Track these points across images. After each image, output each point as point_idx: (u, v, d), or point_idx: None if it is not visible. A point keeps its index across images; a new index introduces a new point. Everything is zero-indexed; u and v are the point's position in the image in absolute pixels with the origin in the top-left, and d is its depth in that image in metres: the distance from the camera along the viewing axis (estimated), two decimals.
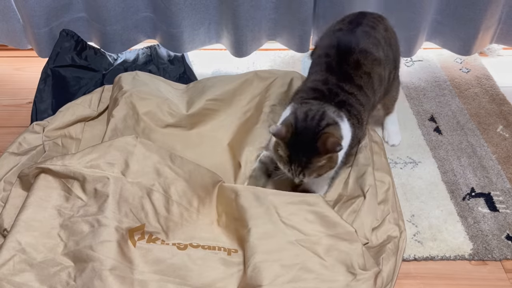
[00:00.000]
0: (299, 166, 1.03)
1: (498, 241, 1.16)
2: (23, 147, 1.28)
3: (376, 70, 1.15)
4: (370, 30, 1.18)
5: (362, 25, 1.19)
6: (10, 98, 1.65)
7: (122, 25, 1.62)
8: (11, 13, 1.61)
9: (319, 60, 1.18)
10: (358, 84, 1.11)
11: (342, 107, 1.08)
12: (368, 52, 1.14)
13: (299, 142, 1.02)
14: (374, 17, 1.25)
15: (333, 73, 1.12)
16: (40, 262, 0.96)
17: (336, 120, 1.04)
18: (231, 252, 1.04)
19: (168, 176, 1.12)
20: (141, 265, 0.97)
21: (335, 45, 1.16)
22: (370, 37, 1.17)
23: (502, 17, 1.65)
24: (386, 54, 1.19)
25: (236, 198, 1.06)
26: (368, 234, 1.07)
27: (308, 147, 1.01)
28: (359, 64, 1.12)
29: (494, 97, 1.63)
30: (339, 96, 1.09)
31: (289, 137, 1.01)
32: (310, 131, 1.02)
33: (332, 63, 1.13)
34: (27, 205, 1.02)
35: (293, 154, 1.02)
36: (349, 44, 1.14)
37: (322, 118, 1.03)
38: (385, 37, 1.21)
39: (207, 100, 1.41)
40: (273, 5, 1.62)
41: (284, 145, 1.03)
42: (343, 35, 1.18)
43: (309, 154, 1.01)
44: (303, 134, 1.02)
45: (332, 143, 0.99)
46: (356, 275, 0.95)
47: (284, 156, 1.04)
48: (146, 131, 1.34)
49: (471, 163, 1.37)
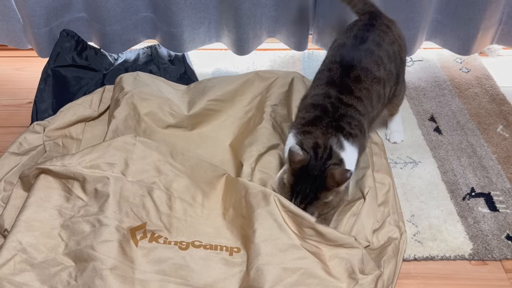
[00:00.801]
0: (302, 200, 1.01)
1: (498, 241, 1.16)
2: (24, 147, 1.28)
3: (375, 88, 1.16)
4: (374, 48, 1.18)
5: (367, 41, 1.19)
6: (10, 98, 1.65)
7: (122, 25, 1.62)
8: (11, 13, 1.61)
9: (321, 75, 1.19)
10: (358, 96, 1.12)
11: (343, 122, 1.08)
12: (369, 70, 1.15)
13: (308, 175, 1.00)
14: (382, 29, 1.23)
15: (334, 86, 1.13)
16: (41, 262, 0.96)
17: (341, 157, 1.04)
18: (233, 252, 1.04)
19: (169, 173, 1.12)
20: (143, 264, 0.97)
21: (338, 60, 1.17)
22: (373, 55, 1.17)
23: (503, 18, 1.66)
24: (388, 71, 1.19)
25: (246, 195, 1.06)
26: (369, 236, 1.07)
27: (317, 181, 1.00)
28: (359, 79, 1.13)
29: (494, 97, 1.63)
30: (339, 110, 1.09)
31: (299, 166, 1.00)
32: (318, 168, 1.01)
33: (334, 77, 1.15)
34: (27, 205, 1.03)
35: (298, 184, 1.01)
36: (351, 62, 1.15)
37: (330, 156, 1.03)
38: (389, 52, 1.21)
39: (208, 101, 1.42)
40: (273, 2, 1.62)
41: (291, 172, 1.01)
42: (346, 52, 1.18)
43: (317, 188, 1.00)
44: (312, 169, 1.01)
45: (340, 173, 0.98)
46: (358, 280, 0.96)
47: (287, 185, 1.03)
48: (148, 132, 1.34)
49: (471, 163, 1.37)
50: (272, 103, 1.38)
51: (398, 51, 1.24)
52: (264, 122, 1.31)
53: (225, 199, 1.14)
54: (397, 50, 1.24)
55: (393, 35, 1.25)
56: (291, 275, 0.95)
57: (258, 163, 1.21)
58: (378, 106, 1.19)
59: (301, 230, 1.01)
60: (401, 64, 1.28)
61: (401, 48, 1.26)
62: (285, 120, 1.38)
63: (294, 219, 1.02)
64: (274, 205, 1.03)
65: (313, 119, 1.10)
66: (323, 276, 0.96)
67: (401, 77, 1.29)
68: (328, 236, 1.00)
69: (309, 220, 1.00)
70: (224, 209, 1.12)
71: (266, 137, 1.27)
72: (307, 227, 1.00)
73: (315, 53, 1.86)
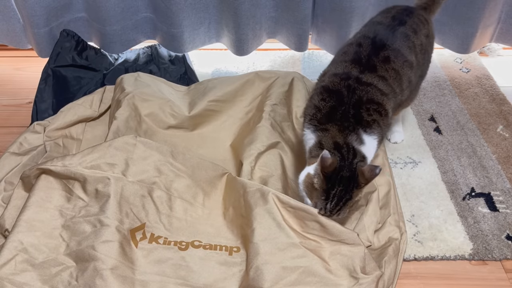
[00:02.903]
0: (338, 202, 0.98)
1: (498, 241, 1.16)
2: (24, 147, 1.28)
3: (406, 71, 1.13)
4: (411, 33, 1.17)
5: (405, 25, 1.17)
6: (10, 98, 1.65)
7: (122, 25, 1.62)
8: (11, 13, 1.61)
9: (348, 48, 1.16)
10: (381, 75, 1.09)
11: (361, 108, 1.05)
12: (401, 52, 1.13)
13: (341, 176, 0.98)
14: (420, 19, 1.22)
15: (358, 64, 1.10)
16: (42, 262, 0.96)
17: (363, 153, 1.02)
18: (233, 252, 1.04)
19: (169, 173, 1.12)
20: (143, 265, 0.98)
21: (371, 36, 1.14)
22: (409, 40, 1.15)
23: (501, 17, 1.66)
24: (418, 61, 1.18)
25: (244, 195, 1.07)
26: (370, 237, 1.08)
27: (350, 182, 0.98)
28: (388, 60, 1.11)
29: (494, 97, 1.63)
30: (356, 93, 1.06)
31: (331, 170, 0.97)
32: (347, 168, 0.99)
33: (362, 53, 1.12)
34: (28, 205, 1.03)
35: (333, 187, 0.98)
36: (385, 41, 1.12)
37: (355, 155, 1.01)
38: (423, 44, 1.20)
39: (209, 101, 1.42)
40: (273, 3, 1.62)
41: (323, 178, 0.97)
42: (382, 29, 1.16)
43: (351, 189, 0.98)
44: (343, 170, 0.98)
45: (369, 170, 0.97)
46: (359, 280, 0.96)
47: (320, 190, 0.99)
48: (148, 133, 1.35)
49: (471, 163, 1.38)
50: (272, 102, 1.38)
51: (429, 46, 1.23)
52: (263, 121, 1.32)
53: (226, 198, 1.14)
54: (429, 44, 1.23)
55: (429, 29, 1.24)
56: (291, 273, 0.95)
57: (258, 161, 1.21)
58: (407, 92, 1.17)
59: (304, 224, 1.01)
60: (428, 61, 1.26)
61: (431, 45, 1.25)
62: (284, 119, 1.38)
63: (295, 214, 1.02)
64: (273, 203, 1.03)
65: (329, 112, 1.06)
66: (323, 274, 0.96)
67: (423, 78, 1.27)
68: (331, 230, 1.00)
69: (312, 212, 1.00)
70: (225, 209, 1.13)
71: (266, 136, 1.27)
72: (310, 221, 1.01)
73: (315, 53, 1.86)
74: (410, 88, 1.18)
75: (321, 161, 0.95)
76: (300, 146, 1.32)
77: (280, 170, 1.21)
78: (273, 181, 1.17)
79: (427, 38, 1.22)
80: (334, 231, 1.00)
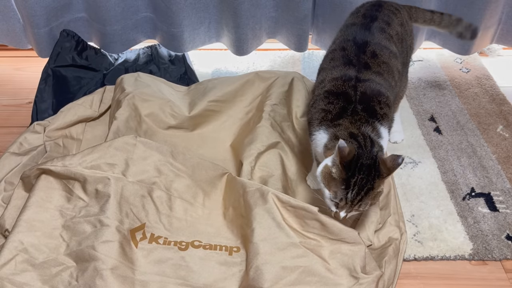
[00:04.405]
0: (359, 192, 0.94)
1: (498, 241, 1.16)
2: (24, 147, 1.28)
3: (394, 62, 1.14)
4: (385, 26, 1.18)
5: (377, 20, 1.18)
6: (10, 98, 1.65)
7: (122, 25, 1.62)
8: (11, 13, 1.61)
9: (334, 55, 1.16)
10: (377, 71, 1.09)
11: (369, 101, 1.04)
12: (383, 45, 1.14)
13: (361, 164, 0.94)
14: (391, 10, 1.23)
15: (351, 65, 1.10)
16: (42, 262, 0.96)
17: (381, 143, 1.00)
18: (233, 252, 1.04)
19: (169, 174, 1.13)
20: (143, 266, 0.98)
21: (350, 38, 1.15)
22: (384, 32, 1.17)
23: (502, 18, 1.66)
24: (398, 50, 1.19)
25: (244, 194, 1.07)
26: (371, 236, 1.08)
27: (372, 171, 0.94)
28: (375, 54, 1.12)
29: (494, 97, 1.63)
30: (361, 90, 1.05)
31: (350, 158, 0.93)
32: (367, 156, 0.95)
33: (349, 55, 1.12)
34: (28, 205, 1.03)
35: (354, 176, 0.93)
36: (365, 37, 1.14)
37: (372, 143, 0.98)
38: (399, 33, 1.21)
39: (209, 102, 1.42)
40: (273, 3, 1.63)
41: (341, 167, 0.93)
42: (358, 30, 1.17)
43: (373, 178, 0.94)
44: (362, 158, 0.95)
45: (392, 160, 0.93)
46: (359, 279, 0.96)
47: (339, 180, 0.94)
48: (149, 133, 1.35)
49: (471, 163, 1.38)
50: (272, 102, 1.39)
51: (405, 34, 1.24)
52: (263, 121, 1.32)
53: (226, 198, 1.14)
54: (405, 32, 1.23)
55: (401, 18, 1.24)
56: (290, 273, 0.95)
57: (258, 161, 1.21)
58: (399, 83, 1.17)
59: (304, 223, 1.01)
60: (408, 50, 1.26)
61: (408, 33, 1.25)
62: (284, 119, 1.38)
63: (295, 213, 1.02)
64: (272, 202, 1.03)
65: (339, 112, 1.04)
66: (323, 274, 0.96)
67: (407, 66, 1.27)
68: (331, 228, 1.00)
69: (312, 211, 1.00)
70: (225, 209, 1.13)
71: (265, 136, 1.28)
72: (310, 219, 1.01)
73: (315, 53, 1.86)
74: (400, 77, 1.19)
75: (339, 151, 0.92)
76: (301, 146, 1.32)
77: (280, 170, 1.21)
78: (273, 181, 1.18)
79: (401, 27, 1.23)
80: (335, 229, 1.00)
